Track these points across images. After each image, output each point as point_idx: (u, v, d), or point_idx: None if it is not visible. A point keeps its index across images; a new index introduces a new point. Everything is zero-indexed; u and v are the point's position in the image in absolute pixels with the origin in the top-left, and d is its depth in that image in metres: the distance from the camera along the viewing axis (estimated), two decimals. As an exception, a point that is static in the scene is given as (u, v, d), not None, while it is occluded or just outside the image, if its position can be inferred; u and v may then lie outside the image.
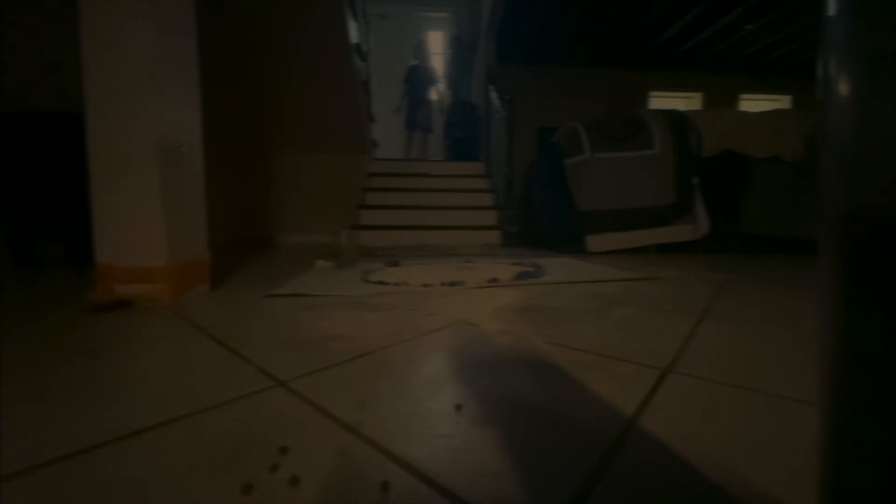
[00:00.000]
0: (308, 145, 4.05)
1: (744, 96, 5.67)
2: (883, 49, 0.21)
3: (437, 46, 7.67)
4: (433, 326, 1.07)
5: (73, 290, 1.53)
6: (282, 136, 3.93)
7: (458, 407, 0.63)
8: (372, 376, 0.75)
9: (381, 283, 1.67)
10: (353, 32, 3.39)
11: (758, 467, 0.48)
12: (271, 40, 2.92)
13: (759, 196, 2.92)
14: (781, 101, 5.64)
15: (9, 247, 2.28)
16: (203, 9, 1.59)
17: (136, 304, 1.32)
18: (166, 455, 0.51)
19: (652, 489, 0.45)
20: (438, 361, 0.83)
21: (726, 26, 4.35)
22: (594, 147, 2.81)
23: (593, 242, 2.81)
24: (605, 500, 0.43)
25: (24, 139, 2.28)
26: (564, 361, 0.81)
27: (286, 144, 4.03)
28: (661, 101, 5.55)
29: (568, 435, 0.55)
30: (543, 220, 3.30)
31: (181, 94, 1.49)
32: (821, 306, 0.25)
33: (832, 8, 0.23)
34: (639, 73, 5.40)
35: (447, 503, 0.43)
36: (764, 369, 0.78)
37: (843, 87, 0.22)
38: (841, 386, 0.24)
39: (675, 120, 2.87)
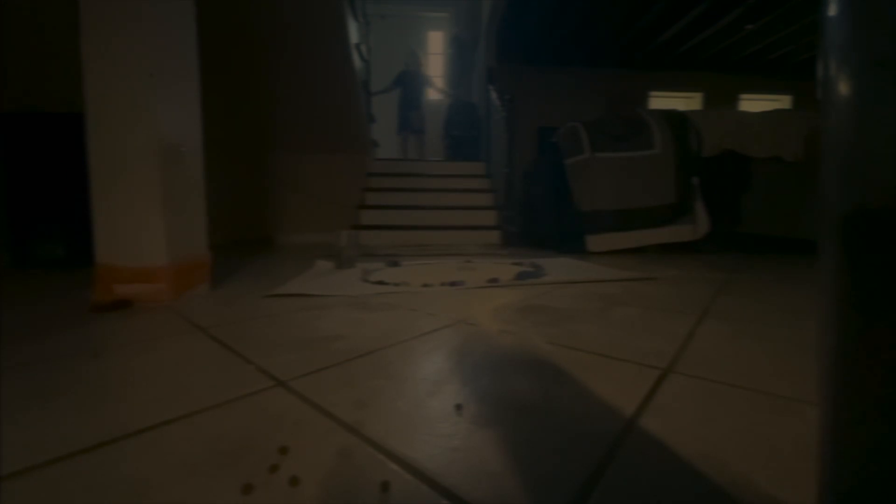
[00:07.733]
0: (308, 145, 4.04)
1: (744, 96, 5.67)
2: (883, 50, 0.21)
3: (437, 46, 7.69)
4: (433, 326, 1.07)
5: (72, 291, 1.53)
6: (282, 136, 3.93)
7: (458, 407, 0.63)
8: (372, 376, 0.75)
9: (381, 283, 1.67)
10: (353, 32, 3.39)
11: (758, 467, 0.48)
12: (272, 40, 2.93)
13: (759, 196, 2.92)
14: (781, 101, 5.64)
15: (9, 247, 2.28)
16: (203, 9, 1.59)
17: (136, 304, 1.32)
18: (166, 455, 0.51)
19: (652, 489, 0.45)
20: (438, 361, 0.83)
21: (726, 26, 4.36)
22: (594, 147, 2.81)
23: (593, 242, 2.81)
24: (605, 500, 0.43)
25: (24, 139, 2.28)
26: (564, 361, 0.82)
27: (286, 144, 4.03)
28: (661, 101, 5.55)
29: (568, 435, 0.55)
30: (543, 220, 3.30)
31: (181, 94, 1.49)
32: (821, 306, 0.25)
33: (832, 8, 0.23)
34: (639, 73, 5.41)
35: (447, 503, 0.43)
36: (764, 369, 0.78)
37: (843, 87, 0.22)
38: (841, 386, 0.24)
39: (675, 120, 2.87)
